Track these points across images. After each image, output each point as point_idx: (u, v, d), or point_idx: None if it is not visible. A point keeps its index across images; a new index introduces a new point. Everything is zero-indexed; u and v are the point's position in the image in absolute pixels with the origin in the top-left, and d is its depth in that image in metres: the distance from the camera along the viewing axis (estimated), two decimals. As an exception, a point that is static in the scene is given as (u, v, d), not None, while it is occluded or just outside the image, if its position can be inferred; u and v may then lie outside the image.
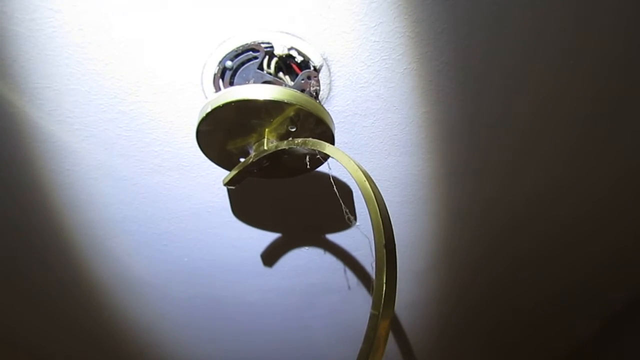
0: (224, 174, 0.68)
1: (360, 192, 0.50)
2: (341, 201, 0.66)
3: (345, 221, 0.89)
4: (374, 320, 0.39)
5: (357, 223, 0.90)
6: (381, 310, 0.38)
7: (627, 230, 1.08)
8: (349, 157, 0.49)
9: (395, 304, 0.41)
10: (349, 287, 1.08)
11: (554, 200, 0.95)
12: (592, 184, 0.92)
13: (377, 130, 0.74)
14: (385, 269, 0.39)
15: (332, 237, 0.95)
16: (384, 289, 0.39)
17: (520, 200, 0.94)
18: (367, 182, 0.45)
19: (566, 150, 0.83)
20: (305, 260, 1.00)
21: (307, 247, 0.97)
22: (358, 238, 0.95)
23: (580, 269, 1.19)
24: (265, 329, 1.22)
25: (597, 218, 1.03)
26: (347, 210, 0.84)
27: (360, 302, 1.13)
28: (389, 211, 0.90)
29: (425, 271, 1.09)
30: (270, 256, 0.99)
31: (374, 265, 0.41)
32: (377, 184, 0.83)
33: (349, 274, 1.04)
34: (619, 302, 1.35)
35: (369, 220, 0.45)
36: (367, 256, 1.01)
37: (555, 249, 1.11)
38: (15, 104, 0.63)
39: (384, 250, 0.40)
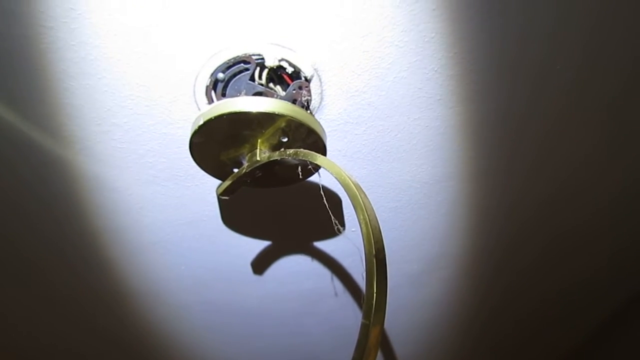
0: (217, 183, 0.69)
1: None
2: (330, 212, 0.67)
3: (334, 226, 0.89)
4: (365, 329, 0.39)
5: (352, 229, 0.91)
6: (372, 320, 0.39)
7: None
8: (339, 167, 0.50)
9: (389, 309, 0.42)
10: (345, 293, 1.09)
11: (558, 203, 0.97)
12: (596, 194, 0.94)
13: (369, 138, 0.75)
14: (375, 278, 0.40)
15: (327, 243, 0.96)
16: (375, 298, 0.40)
17: (517, 204, 0.95)
18: (357, 193, 0.46)
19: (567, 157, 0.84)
20: (301, 266, 1.01)
21: (302, 254, 0.98)
22: (353, 245, 0.96)
23: (584, 272, 1.21)
24: (262, 334, 1.23)
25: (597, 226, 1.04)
26: (337, 222, 0.85)
27: (356, 307, 1.14)
28: (383, 217, 0.91)
29: (419, 275, 1.09)
30: (265, 263, 0.99)
31: (364, 275, 0.42)
32: (370, 190, 0.85)
33: (345, 279, 1.05)
34: (621, 301, 1.36)
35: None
36: (359, 262, 1.01)
37: (553, 258, 1.12)
38: (7, 119, 0.64)
39: (374, 260, 0.41)
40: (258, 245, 0.95)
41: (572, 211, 1.00)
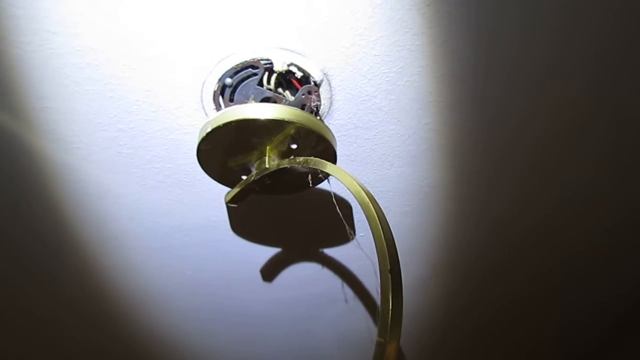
0: (225, 189, 0.68)
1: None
2: (343, 220, 0.65)
3: (348, 234, 0.88)
4: (380, 348, 0.38)
5: (361, 234, 0.89)
6: (388, 337, 0.38)
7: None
8: (351, 177, 0.48)
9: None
10: (354, 297, 1.08)
11: (568, 209, 0.95)
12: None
13: (379, 142, 0.73)
14: (390, 295, 0.39)
15: (336, 249, 0.95)
16: (390, 315, 0.38)
17: (527, 210, 0.93)
18: (369, 203, 0.45)
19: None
20: (309, 271, 1.00)
21: (310, 259, 0.97)
22: (362, 249, 0.94)
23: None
24: (271, 339, 1.22)
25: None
26: (351, 232, 0.84)
27: (365, 312, 1.13)
28: (392, 221, 0.90)
29: (428, 278, 1.08)
30: (273, 268, 0.98)
31: (378, 290, 0.40)
32: (380, 195, 0.83)
33: (354, 284, 1.04)
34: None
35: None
36: (369, 266, 1.00)
37: (563, 262, 1.10)
38: (12, 125, 0.63)
39: (389, 275, 0.40)
40: (265, 251, 0.94)
41: (584, 218, 0.99)
